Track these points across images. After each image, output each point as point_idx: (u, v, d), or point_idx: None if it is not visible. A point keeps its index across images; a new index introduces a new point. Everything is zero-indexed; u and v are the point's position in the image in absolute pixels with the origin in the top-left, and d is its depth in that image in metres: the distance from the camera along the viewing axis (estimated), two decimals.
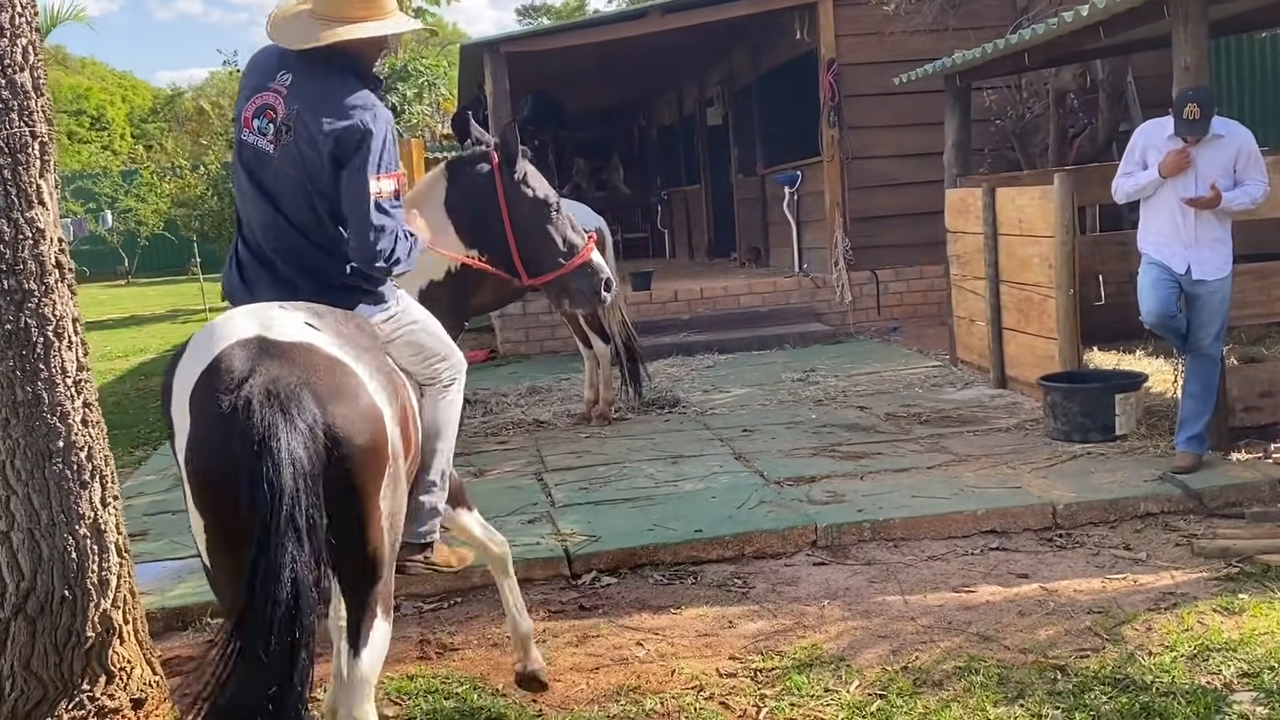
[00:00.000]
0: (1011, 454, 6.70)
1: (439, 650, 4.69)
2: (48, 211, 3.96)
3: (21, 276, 3.87)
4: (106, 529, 4.08)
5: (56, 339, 3.95)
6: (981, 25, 10.74)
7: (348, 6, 3.48)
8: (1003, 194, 8.40)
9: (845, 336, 11.89)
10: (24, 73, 3.90)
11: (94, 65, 67.00)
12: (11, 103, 3.86)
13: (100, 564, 4.06)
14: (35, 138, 3.92)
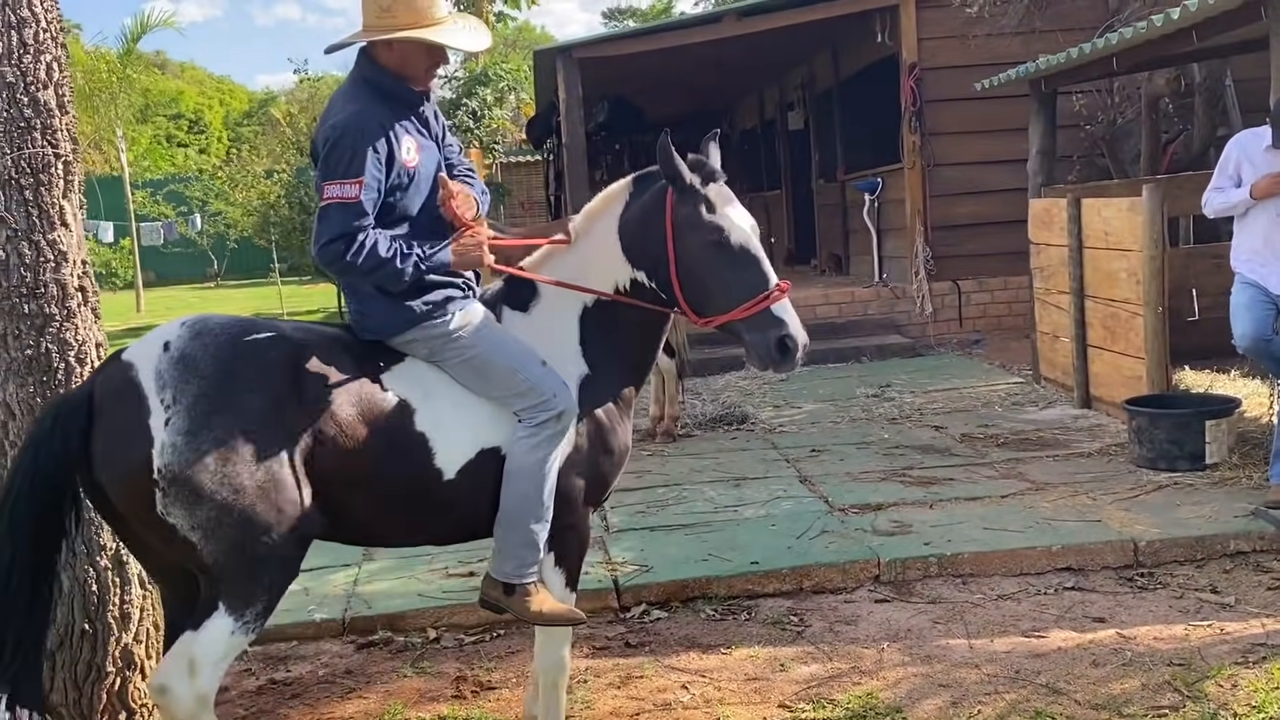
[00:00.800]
0: (1092, 482, 6.33)
1: (475, 689, 4.50)
2: (70, 233, 3.84)
3: (43, 300, 3.77)
4: (128, 560, 3.96)
5: (78, 364, 3.84)
6: (1070, 27, 10.32)
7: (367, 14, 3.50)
8: (1088, 205, 8.01)
9: (925, 349, 11.52)
10: (47, 90, 3.79)
11: (193, 69, 68.48)
12: (34, 121, 3.75)
13: (122, 597, 3.95)
14: (59, 157, 3.81)
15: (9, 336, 3.74)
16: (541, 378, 3.50)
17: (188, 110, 56.44)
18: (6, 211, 3.71)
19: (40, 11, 3.79)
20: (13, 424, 3.78)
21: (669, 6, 45.96)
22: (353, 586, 5.54)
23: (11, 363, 3.76)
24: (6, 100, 3.71)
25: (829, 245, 15.48)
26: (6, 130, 3.71)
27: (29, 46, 3.75)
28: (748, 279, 3.56)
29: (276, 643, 5.09)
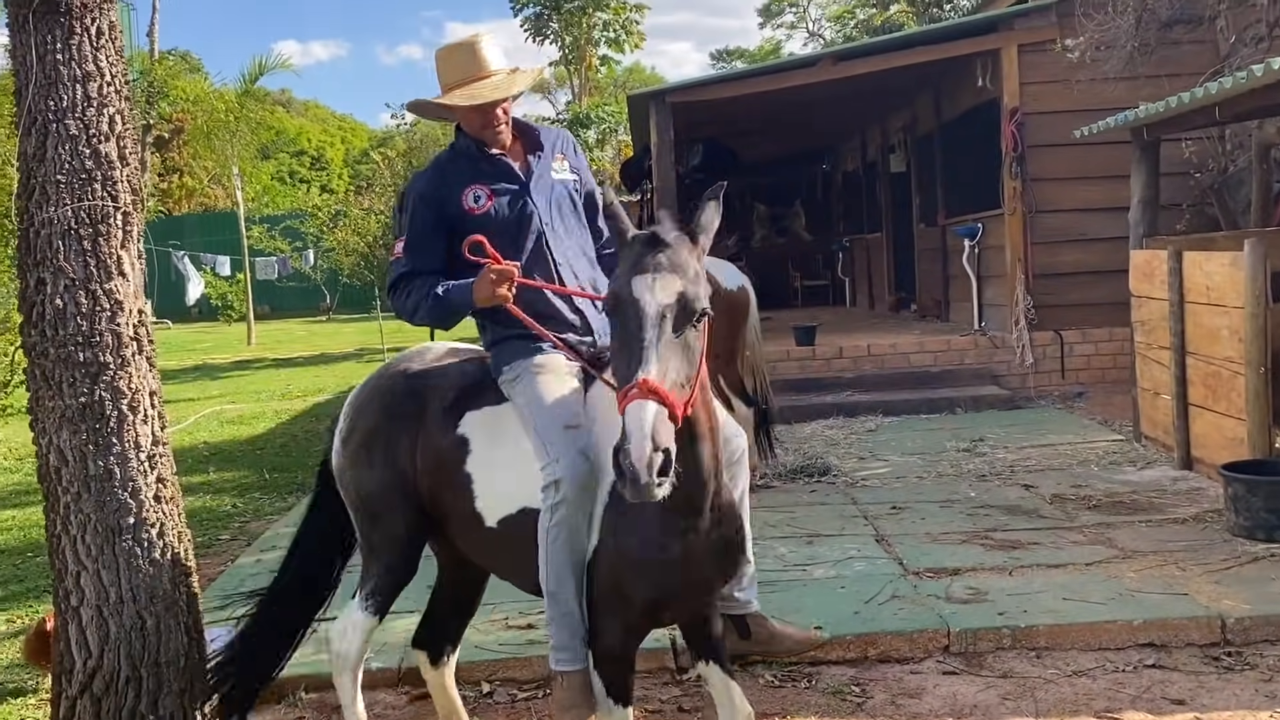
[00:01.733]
0: (1184, 551, 6.02)
1: None
2: (128, 283, 3.89)
3: (98, 349, 3.82)
4: (176, 608, 3.98)
5: (131, 413, 3.88)
6: (1176, 73, 9.98)
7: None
8: (1190, 258, 7.69)
9: (1024, 402, 11.18)
10: (109, 143, 3.86)
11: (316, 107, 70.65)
12: (95, 173, 3.82)
13: (169, 644, 3.96)
14: (118, 209, 3.87)
15: (64, 384, 3.80)
16: (550, 439, 3.38)
17: (310, 147, 58.17)
18: (65, 261, 3.78)
19: (105, 66, 3.87)
20: (65, 470, 3.84)
21: (777, 48, 46.00)
22: (411, 635, 5.50)
23: (66, 410, 3.81)
24: (69, 152, 3.78)
25: (928, 290, 15.20)
26: (68, 181, 3.78)
27: (93, 100, 3.83)
28: (619, 364, 2.92)
29: (333, 691, 5.06)
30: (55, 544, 3.91)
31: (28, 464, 11.20)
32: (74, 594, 3.88)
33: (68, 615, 3.91)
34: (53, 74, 3.77)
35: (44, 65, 3.77)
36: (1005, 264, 11.92)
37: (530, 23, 39.56)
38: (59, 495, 3.87)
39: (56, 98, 3.78)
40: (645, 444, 2.63)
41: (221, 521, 8.41)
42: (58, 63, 3.78)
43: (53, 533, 3.92)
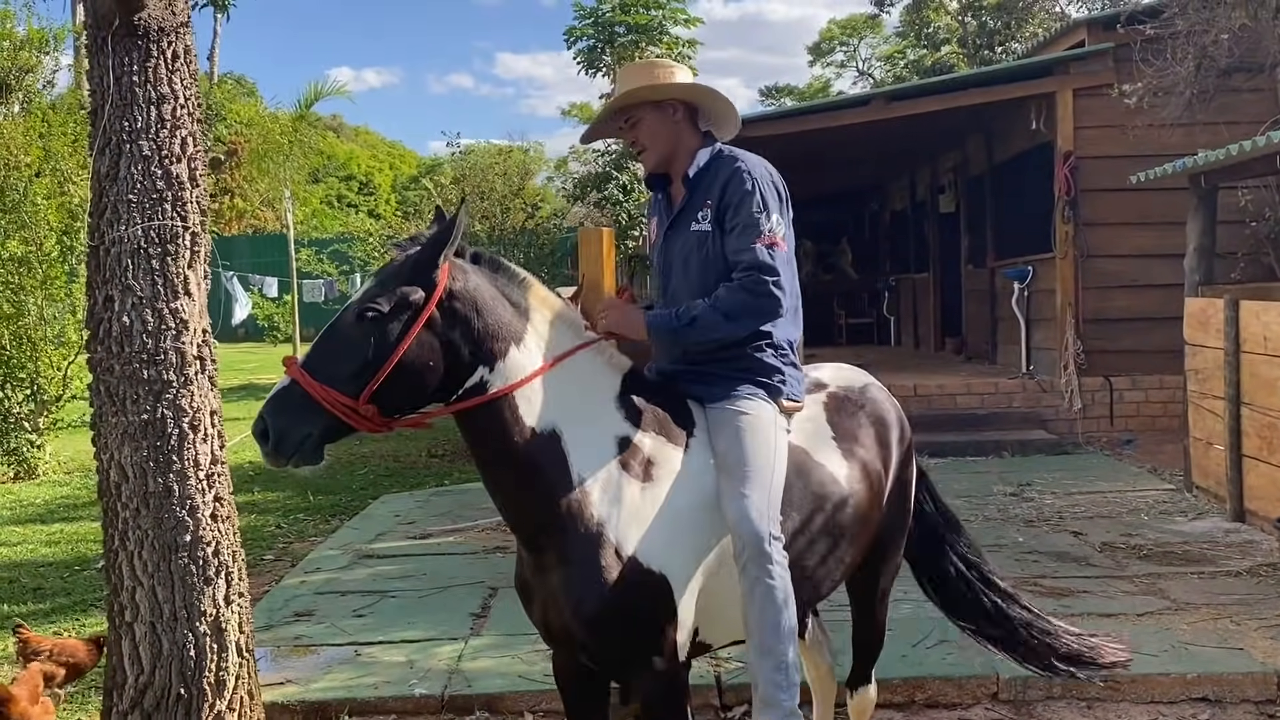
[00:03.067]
0: (1238, 605, 5.92)
1: None
2: (193, 302, 3.94)
3: (161, 367, 3.86)
4: (228, 627, 4.00)
5: (192, 431, 3.92)
6: (1235, 120, 9.91)
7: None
8: (1247, 307, 7.60)
9: (1072, 447, 11.06)
10: (180, 164, 3.92)
11: (366, 133, 71.45)
12: (165, 194, 3.88)
13: (219, 663, 3.98)
14: (186, 229, 3.93)
15: (127, 400, 3.84)
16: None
17: (359, 172, 58.79)
18: (134, 279, 3.83)
19: (179, 89, 3.93)
20: (125, 486, 3.88)
21: (826, 86, 46.03)
22: (456, 662, 5.51)
23: (128, 426, 3.85)
24: (141, 172, 3.84)
25: (975, 332, 15.11)
26: (139, 201, 3.84)
27: (166, 122, 3.89)
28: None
29: (375, 715, 5.07)
30: (112, 559, 3.95)
31: (77, 477, 11.33)
32: (129, 609, 3.91)
33: (121, 630, 3.94)
34: (129, 95, 3.84)
35: (120, 87, 3.84)
36: (1055, 307, 11.84)
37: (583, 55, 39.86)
38: (118, 511, 3.90)
39: (131, 118, 3.84)
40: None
41: (266, 542, 8.46)
42: (134, 84, 3.84)
43: (110, 548, 3.96)
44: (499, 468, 3.12)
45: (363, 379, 2.95)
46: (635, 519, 3.08)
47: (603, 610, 3.03)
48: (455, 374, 3.05)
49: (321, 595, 6.76)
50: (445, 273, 3.02)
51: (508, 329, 3.09)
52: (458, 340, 3.03)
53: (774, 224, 3.26)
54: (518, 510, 3.15)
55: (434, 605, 6.46)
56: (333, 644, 5.87)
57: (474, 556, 7.56)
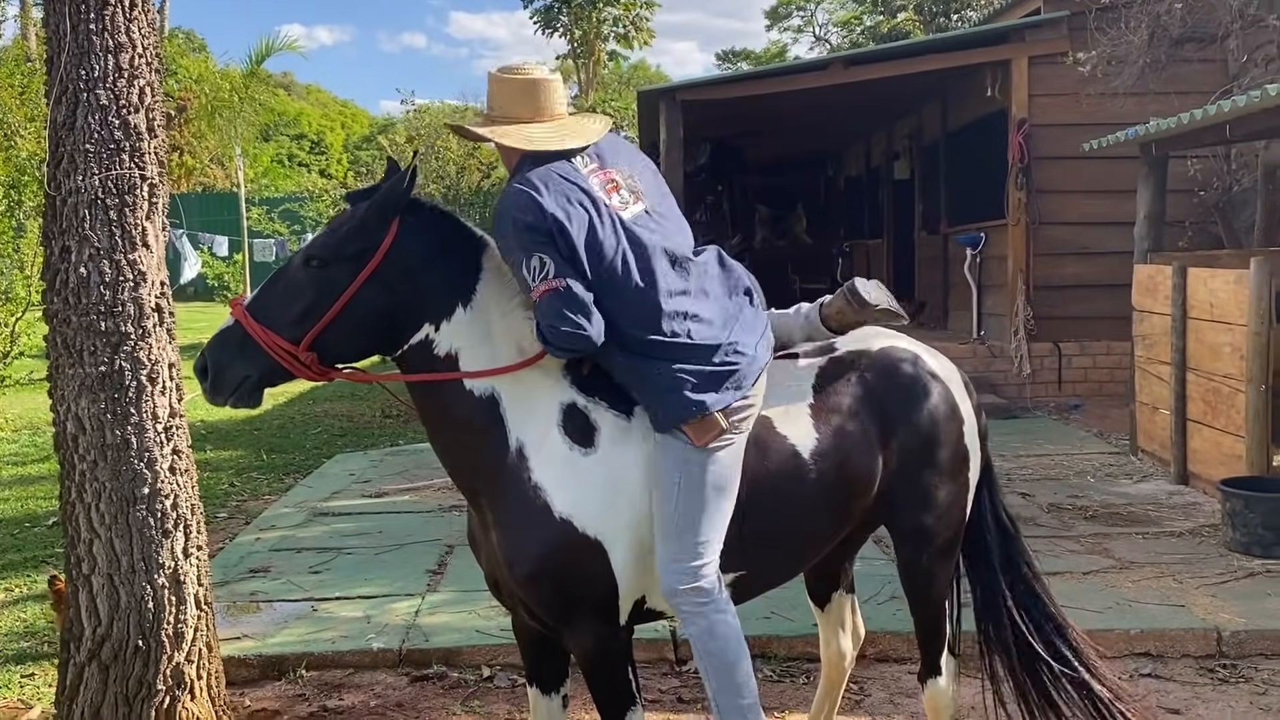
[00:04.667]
0: (1180, 564, 6.07)
1: None
2: (151, 254, 3.91)
3: (119, 319, 3.83)
4: (186, 580, 4.00)
5: (150, 383, 3.89)
6: (1186, 90, 10.02)
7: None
8: (1194, 274, 7.75)
9: (1020, 412, 11.23)
10: (138, 114, 3.88)
11: (318, 92, 70.51)
12: (123, 144, 3.84)
13: (177, 615, 3.98)
14: (145, 180, 3.89)
15: (84, 352, 3.81)
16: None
17: (310, 131, 58.06)
18: (91, 230, 3.79)
19: (137, 38, 3.88)
20: (83, 438, 3.85)
21: (783, 51, 46.00)
22: (414, 617, 5.54)
23: (85, 378, 3.83)
24: (99, 122, 3.80)
25: (927, 298, 15.25)
26: (97, 151, 3.80)
27: (124, 71, 3.84)
28: None
29: (333, 669, 5.10)
30: (69, 511, 3.93)
31: (25, 435, 11.19)
32: (85, 562, 3.89)
33: (79, 583, 3.93)
34: (85, 44, 3.78)
35: (77, 35, 3.78)
36: (1006, 274, 11.98)
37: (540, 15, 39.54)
38: (75, 463, 3.88)
39: (88, 67, 3.79)
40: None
41: (219, 499, 8.42)
42: (90, 32, 3.79)
43: (67, 500, 3.94)
44: (440, 427, 3.16)
45: (305, 325, 2.97)
46: (572, 484, 3.07)
47: (534, 571, 3.05)
48: (400, 328, 3.04)
49: (277, 552, 6.76)
50: (396, 226, 3.01)
51: (456, 288, 3.05)
52: (404, 294, 3.01)
53: (533, 271, 2.91)
54: (460, 470, 3.19)
55: (390, 562, 6.48)
56: (289, 599, 5.88)
57: (430, 514, 7.58)
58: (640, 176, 3.19)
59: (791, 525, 3.34)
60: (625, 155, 3.23)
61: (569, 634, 3.17)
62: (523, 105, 3.10)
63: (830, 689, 4.07)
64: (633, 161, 3.23)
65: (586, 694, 4.67)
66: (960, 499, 3.60)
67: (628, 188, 3.12)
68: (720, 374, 3.04)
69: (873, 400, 3.42)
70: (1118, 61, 9.98)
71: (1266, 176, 9.88)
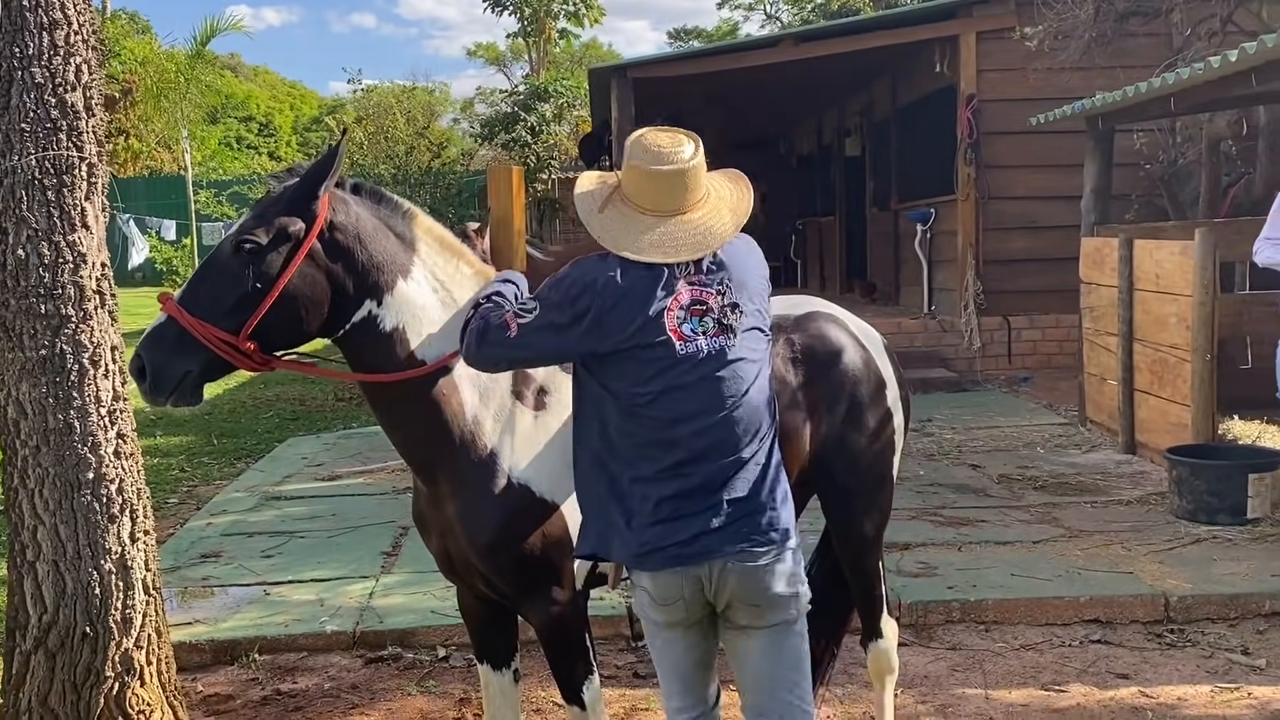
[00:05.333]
0: (1129, 532, 6.16)
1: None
2: (91, 236, 3.84)
3: (59, 301, 3.76)
4: (134, 565, 3.94)
5: (92, 366, 3.83)
6: (1132, 64, 10.11)
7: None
8: (1140, 246, 7.83)
9: (971, 385, 11.34)
10: (75, 92, 3.80)
11: (266, 73, 69.66)
12: (60, 123, 3.76)
13: (125, 601, 3.92)
14: (83, 159, 3.81)
15: (24, 336, 3.74)
16: None
17: (258, 113, 57.34)
18: (29, 211, 3.72)
19: (73, 14, 3.80)
20: (24, 423, 3.78)
21: (735, 29, 45.94)
22: (368, 599, 5.51)
23: (26, 362, 3.75)
24: (34, 101, 3.72)
25: (879, 274, 15.33)
26: (33, 130, 3.71)
27: (59, 48, 3.76)
28: None
29: (286, 652, 5.07)
30: (12, 498, 3.86)
31: None
32: (30, 548, 3.83)
33: (23, 570, 3.86)
34: (19, 20, 3.69)
35: (10, 10, 3.69)
36: (956, 249, 12.06)
37: None
38: (17, 449, 3.81)
39: (22, 44, 3.70)
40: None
41: (170, 485, 8.33)
42: (24, 8, 3.70)
43: (9, 486, 3.87)
44: (391, 401, 3.08)
45: (243, 314, 2.87)
46: (528, 448, 3.06)
47: (497, 539, 3.03)
48: (341, 308, 2.98)
49: (228, 537, 6.70)
50: (325, 203, 2.93)
51: (394, 261, 3.00)
52: (341, 273, 2.95)
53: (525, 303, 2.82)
54: (412, 443, 3.12)
55: (344, 545, 6.44)
56: (241, 584, 5.84)
57: (384, 496, 7.54)
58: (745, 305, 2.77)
59: None
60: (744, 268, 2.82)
61: (528, 603, 3.15)
62: (669, 198, 2.73)
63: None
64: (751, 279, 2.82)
65: (541, 671, 4.69)
66: (886, 460, 3.63)
67: (713, 312, 2.73)
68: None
69: (799, 363, 3.39)
70: (1064, 36, 10.06)
71: (1210, 149, 10.00)
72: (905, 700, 4.43)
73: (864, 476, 3.53)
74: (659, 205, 2.73)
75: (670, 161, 2.72)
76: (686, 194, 2.74)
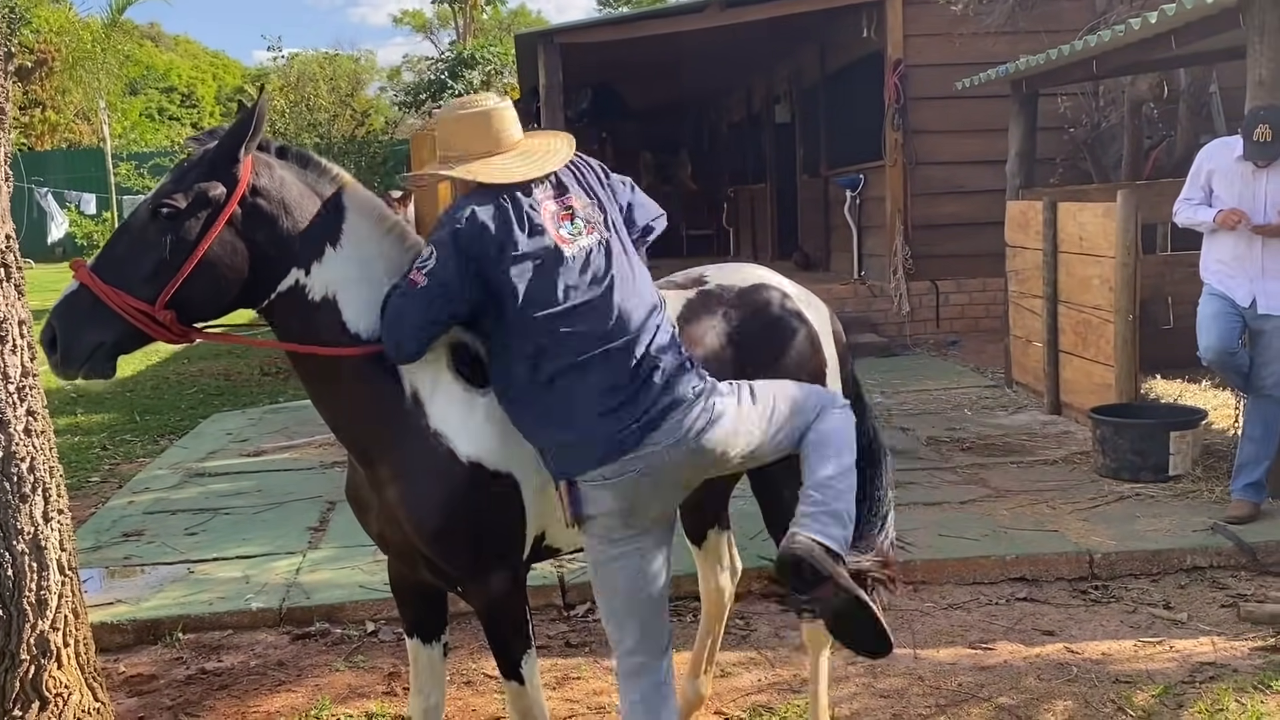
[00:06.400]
0: (1054, 491, 6.24)
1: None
2: None
3: None
4: (48, 545, 3.83)
5: None
6: (1055, 29, 10.20)
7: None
8: (1064, 209, 7.91)
9: (900, 349, 11.43)
10: None
11: (187, 43, 68.21)
12: None
13: (39, 582, 3.81)
14: None
15: None
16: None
17: (180, 84, 56.19)
18: None
19: None
20: None
21: None
22: (294, 575, 5.43)
23: None
24: None
25: (810, 241, 15.39)
26: None
27: None
28: None
29: (212, 631, 4.99)
30: None
31: None
32: None
33: None
34: None
35: None
36: (885, 215, 12.13)
37: None
38: None
39: None
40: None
41: (91, 464, 8.16)
42: None
43: None
44: (325, 380, 2.96)
45: (159, 282, 2.74)
46: (472, 425, 2.94)
47: (448, 522, 2.90)
48: (264, 277, 2.85)
49: (151, 515, 6.58)
50: (248, 167, 2.81)
51: (322, 228, 2.88)
52: (264, 240, 2.82)
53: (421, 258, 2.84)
54: (348, 424, 3.00)
55: (269, 521, 6.35)
56: (164, 562, 5.73)
57: (310, 471, 7.44)
58: (606, 205, 2.99)
59: None
60: (591, 178, 3.02)
61: (473, 585, 3.03)
62: (480, 140, 2.92)
63: (711, 624, 4.01)
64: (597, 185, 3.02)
65: (472, 643, 4.66)
66: None
67: (584, 214, 2.91)
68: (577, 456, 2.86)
69: (735, 335, 3.30)
70: (989, 0, 10.11)
71: (1132, 112, 10.13)
72: (834, 661, 4.43)
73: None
74: (484, 146, 2.92)
75: (476, 105, 2.99)
76: (504, 132, 2.95)
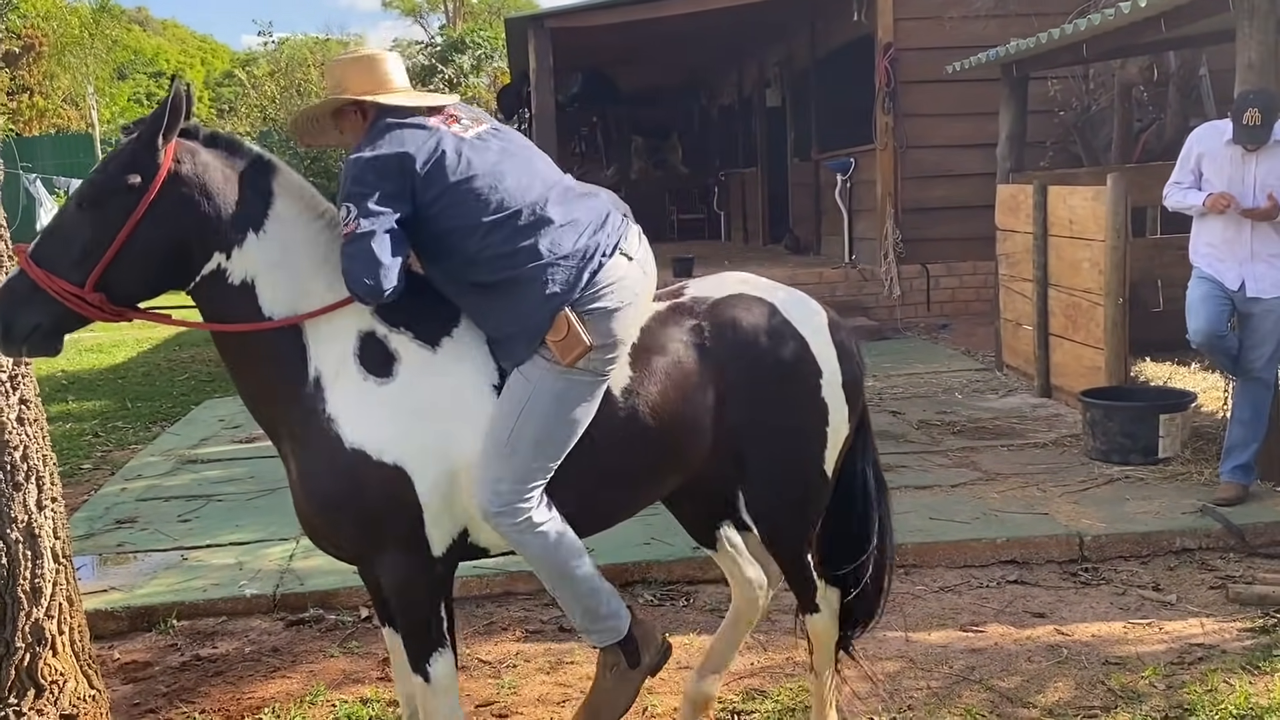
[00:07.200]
0: (1044, 474, 6.28)
1: None
2: None
3: None
4: (42, 533, 3.84)
5: None
6: (1046, 12, 10.19)
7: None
8: (1054, 192, 7.93)
9: (891, 333, 11.45)
10: None
11: (175, 27, 67.94)
12: None
13: (33, 570, 3.82)
14: None
15: None
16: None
17: (168, 69, 55.95)
18: None
19: None
20: None
21: None
22: (288, 561, 5.45)
23: None
24: None
25: (801, 225, 15.39)
26: None
27: None
28: None
29: (206, 618, 5.00)
30: None
31: None
32: None
33: None
34: None
35: None
36: (876, 198, 12.13)
37: None
38: None
39: None
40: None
41: (83, 451, 8.16)
42: None
43: None
44: (241, 360, 3.07)
45: (86, 266, 2.87)
46: (364, 414, 2.97)
47: (326, 503, 2.99)
48: (188, 261, 2.95)
49: (144, 502, 6.58)
50: (170, 154, 2.89)
51: (245, 214, 2.95)
52: (187, 225, 2.91)
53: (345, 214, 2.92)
54: (258, 401, 3.11)
55: (262, 507, 6.36)
56: (157, 549, 5.74)
57: None
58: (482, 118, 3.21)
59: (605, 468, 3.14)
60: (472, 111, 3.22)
61: (372, 566, 3.12)
62: (368, 79, 3.10)
63: (737, 619, 3.79)
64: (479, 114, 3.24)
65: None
66: (813, 456, 3.36)
67: (469, 117, 3.11)
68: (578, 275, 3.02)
69: (706, 349, 3.20)
70: None
71: (1122, 95, 10.14)
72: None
73: (788, 473, 3.34)
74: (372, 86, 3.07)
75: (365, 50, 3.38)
76: (390, 76, 3.12)
